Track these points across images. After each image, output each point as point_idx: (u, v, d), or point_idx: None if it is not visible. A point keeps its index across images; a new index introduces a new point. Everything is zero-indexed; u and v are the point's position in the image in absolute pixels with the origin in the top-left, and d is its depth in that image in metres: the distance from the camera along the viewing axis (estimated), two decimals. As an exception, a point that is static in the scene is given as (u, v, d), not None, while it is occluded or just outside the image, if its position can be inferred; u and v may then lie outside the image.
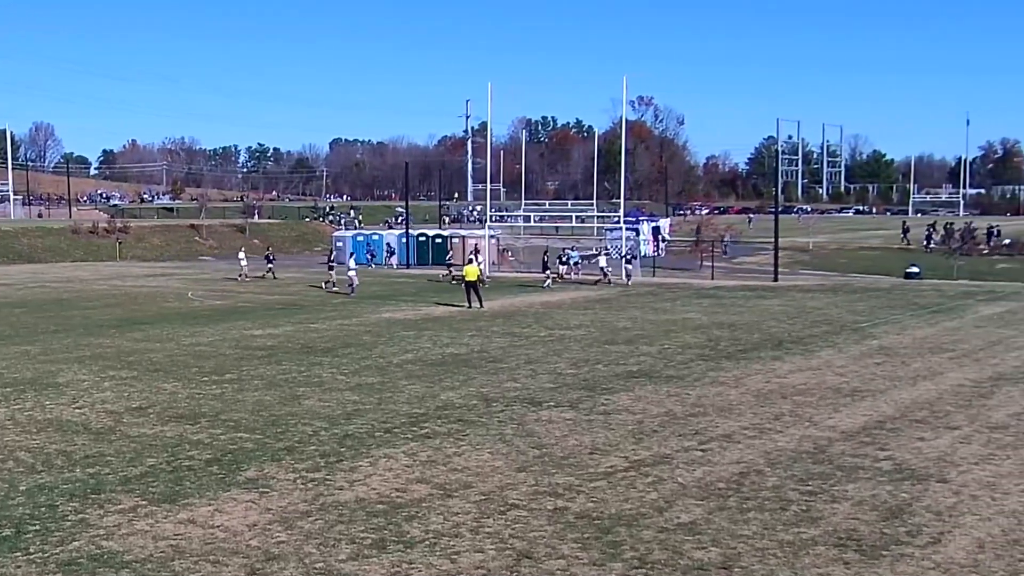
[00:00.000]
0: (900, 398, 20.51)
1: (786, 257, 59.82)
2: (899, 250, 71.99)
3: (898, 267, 58.91)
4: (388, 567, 11.10)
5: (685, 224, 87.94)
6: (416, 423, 18.24)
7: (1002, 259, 66.95)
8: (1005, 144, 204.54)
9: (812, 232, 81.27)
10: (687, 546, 11.72)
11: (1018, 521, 12.59)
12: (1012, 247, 71.66)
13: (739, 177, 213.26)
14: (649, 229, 71.69)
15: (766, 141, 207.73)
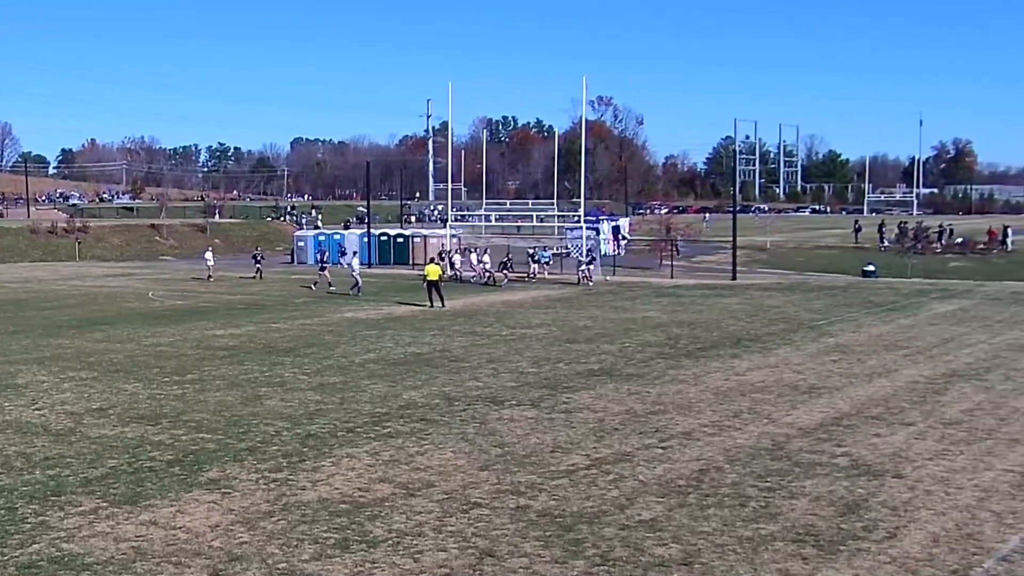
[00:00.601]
0: (856, 395, 20.69)
1: (744, 256, 60.15)
2: (855, 249, 72.59)
3: (854, 266, 59.42)
4: (351, 567, 11.06)
5: (645, 223, 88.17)
6: (378, 422, 18.19)
7: (954, 258, 67.69)
8: (957, 144, 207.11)
9: (769, 231, 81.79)
10: (648, 543, 11.76)
11: (971, 515, 12.74)
12: (964, 246, 72.46)
13: (697, 177, 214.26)
14: (609, 228, 71.88)
15: (724, 141, 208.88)
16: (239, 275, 55.07)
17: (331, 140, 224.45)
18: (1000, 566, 11.02)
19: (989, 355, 26.02)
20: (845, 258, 66.23)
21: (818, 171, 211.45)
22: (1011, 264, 64.96)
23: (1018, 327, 31.85)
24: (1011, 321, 33.49)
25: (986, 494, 13.67)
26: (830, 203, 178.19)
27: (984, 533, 12.08)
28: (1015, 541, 11.79)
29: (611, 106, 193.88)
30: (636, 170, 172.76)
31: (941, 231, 77.13)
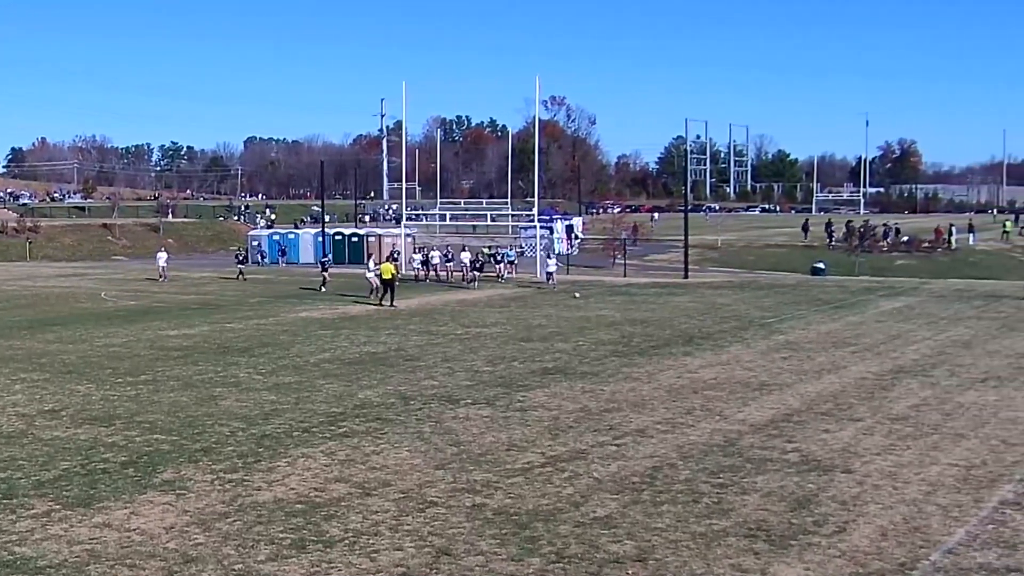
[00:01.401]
0: (806, 391, 20.89)
1: (696, 255, 60.56)
2: (804, 247, 73.24)
3: (803, 264, 60.01)
4: (307, 567, 11.00)
5: (598, 222, 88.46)
6: (334, 422, 18.11)
7: (901, 256, 68.55)
8: (902, 144, 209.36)
9: (720, 230, 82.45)
10: (603, 539, 11.80)
11: (918, 509, 12.90)
12: (910, 244, 73.37)
13: (649, 176, 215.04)
14: (563, 227, 72.04)
15: (675, 141, 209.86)
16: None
17: (285, 139, 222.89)
18: (946, 559, 11.16)
19: (934, 351, 26.37)
20: (794, 256, 66.83)
21: (767, 171, 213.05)
22: (955, 262, 65.96)
23: (962, 324, 32.30)
24: (955, 318, 33.95)
25: (932, 488, 13.85)
26: (779, 202, 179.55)
27: (931, 526, 12.24)
28: (960, 534, 11.96)
29: (564, 106, 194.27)
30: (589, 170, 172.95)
31: (887, 230, 78.04)
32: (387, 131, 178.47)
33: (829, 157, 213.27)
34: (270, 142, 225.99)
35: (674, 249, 64.49)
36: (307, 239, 66.90)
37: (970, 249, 74.68)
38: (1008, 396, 20.33)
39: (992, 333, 29.99)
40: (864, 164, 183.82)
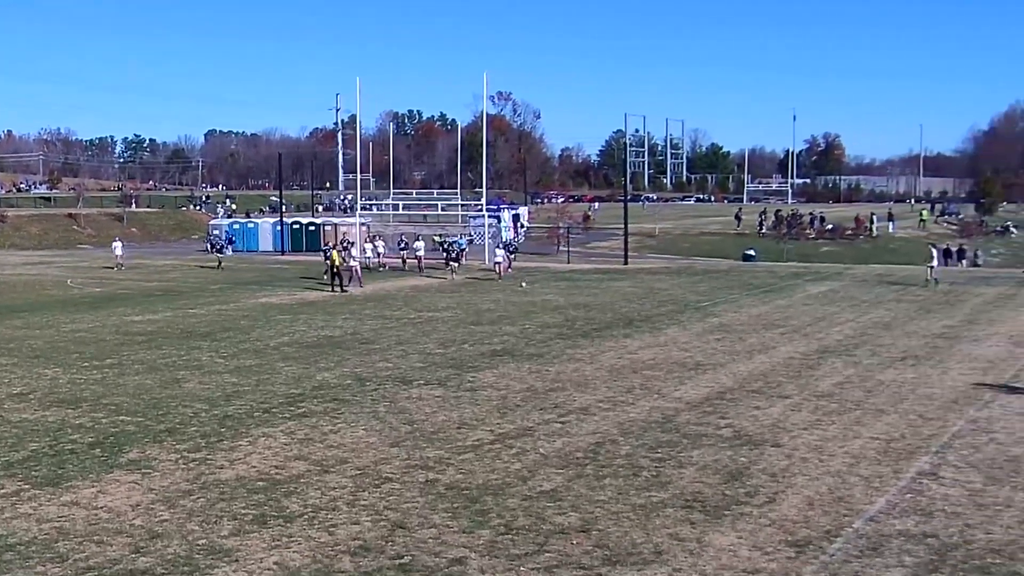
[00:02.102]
0: (738, 371, 21.08)
1: (635, 242, 60.78)
2: (736, 235, 73.79)
3: (735, 251, 60.49)
4: (269, 541, 10.94)
5: (543, 212, 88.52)
6: (293, 403, 18.00)
7: (826, 243, 69.31)
8: (827, 138, 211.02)
9: (658, 219, 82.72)
10: (549, 512, 11.86)
11: (842, 480, 13.09)
12: (834, 232, 74.18)
13: (591, 168, 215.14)
14: (510, 216, 71.94)
15: (615, 134, 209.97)
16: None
17: (244, 132, 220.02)
18: (868, 526, 11.34)
19: (857, 332, 26.71)
20: (727, 244, 67.34)
21: (702, 162, 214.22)
22: (876, 249, 66.85)
23: (882, 307, 32.75)
24: (876, 301, 34.41)
25: (855, 460, 14.06)
26: (713, 192, 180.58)
27: (854, 496, 12.42)
28: (881, 503, 12.15)
29: (510, 101, 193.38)
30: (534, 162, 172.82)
31: (813, 218, 78.90)
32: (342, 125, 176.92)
33: (759, 150, 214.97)
34: (230, 135, 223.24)
35: (615, 237, 64.59)
36: (266, 228, 66.27)
37: (890, 236, 75.66)
38: (925, 374, 20.66)
39: (910, 315, 30.43)
40: (791, 156, 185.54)
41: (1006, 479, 13.15)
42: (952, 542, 10.86)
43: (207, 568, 10.18)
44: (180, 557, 10.48)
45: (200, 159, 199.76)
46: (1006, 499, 12.32)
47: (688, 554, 10.52)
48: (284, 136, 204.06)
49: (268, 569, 10.16)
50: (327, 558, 10.46)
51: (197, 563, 10.31)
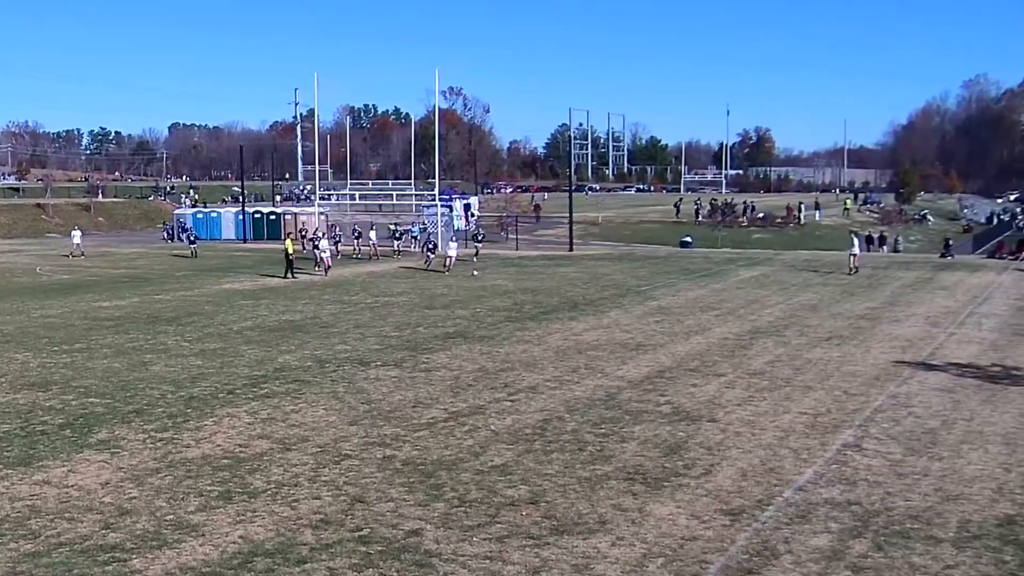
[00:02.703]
0: (676, 351, 21.24)
1: (579, 230, 60.88)
2: (674, 223, 74.21)
3: (673, 238, 60.86)
4: (234, 516, 10.87)
5: (492, 201, 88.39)
6: (256, 384, 17.86)
7: (757, 230, 69.96)
8: (758, 131, 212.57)
9: (601, 208, 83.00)
10: (500, 485, 11.89)
11: (773, 453, 13.26)
12: (765, 220, 74.89)
13: (538, 159, 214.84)
14: (461, 206, 71.76)
15: (560, 128, 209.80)
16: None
17: (207, 125, 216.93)
18: (797, 495, 11.51)
19: (786, 314, 27.02)
20: (666, 231, 67.73)
21: (642, 154, 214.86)
22: (804, 236, 67.62)
23: (810, 290, 33.15)
24: (804, 285, 34.82)
25: (785, 434, 14.24)
26: (652, 183, 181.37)
27: (784, 467, 12.59)
28: (809, 473, 12.33)
29: (461, 96, 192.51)
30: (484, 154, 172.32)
31: (746, 207, 79.59)
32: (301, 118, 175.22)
33: (695, 143, 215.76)
34: (193, 128, 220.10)
35: (560, 225, 64.67)
36: (228, 217, 65.50)
37: (816, 224, 76.60)
38: (849, 352, 20.96)
39: (835, 298, 30.84)
40: (725, 149, 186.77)
41: (923, 450, 13.40)
42: (874, 509, 11.05)
43: (175, 542, 10.09)
44: (149, 532, 10.38)
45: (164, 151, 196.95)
46: (923, 468, 12.56)
47: (630, 523, 10.61)
48: (245, 129, 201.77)
49: (233, 543, 10.09)
50: (290, 531, 10.41)
51: (165, 538, 10.22)
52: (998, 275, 38.57)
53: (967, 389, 17.27)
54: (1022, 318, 26.27)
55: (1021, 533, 10.30)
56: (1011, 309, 28.15)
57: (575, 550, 9.88)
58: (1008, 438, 14.02)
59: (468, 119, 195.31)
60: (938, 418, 15.19)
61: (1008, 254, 49.04)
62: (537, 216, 73.77)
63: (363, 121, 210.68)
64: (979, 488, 11.77)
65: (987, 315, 26.83)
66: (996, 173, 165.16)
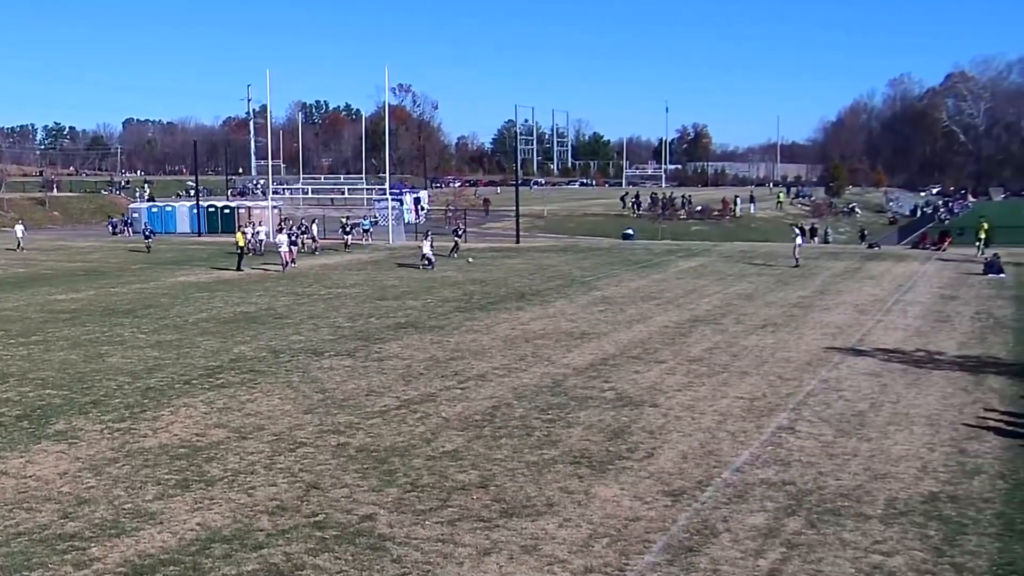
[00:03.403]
0: (619, 339, 21.36)
1: (526, 223, 60.92)
2: (616, 216, 74.52)
3: (615, 230, 61.12)
4: (191, 503, 10.75)
5: (441, 195, 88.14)
6: (212, 374, 17.66)
7: (695, 223, 70.51)
8: (696, 128, 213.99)
9: (546, 201, 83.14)
10: (451, 470, 11.89)
11: (712, 436, 13.40)
12: (703, 212, 75.51)
13: (485, 155, 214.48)
14: (411, 200, 71.47)
15: (507, 124, 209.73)
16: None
17: (161, 121, 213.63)
18: (735, 476, 11.65)
19: (723, 303, 27.29)
20: (608, 224, 67.99)
21: (585, 150, 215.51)
22: (739, 228, 68.32)
23: (745, 280, 33.52)
24: (740, 275, 35.20)
25: (723, 418, 14.40)
26: (595, 177, 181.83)
27: (722, 450, 12.74)
28: (746, 455, 12.49)
29: (410, 93, 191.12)
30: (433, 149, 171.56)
31: (684, 201, 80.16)
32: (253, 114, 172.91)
33: (636, 138, 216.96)
34: (147, 123, 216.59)
35: (507, 218, 64.72)
36: (183, 211, 64.59)
37: (751, 216, 77.45)
38: (783, 339, 21.24)
39: (769, 287, 31.22)
40: (665, 144, 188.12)
41: (853, 431, 13.63)
42: (807, 488, 11.22)
43: (133, 530, 9.95)
44: (107, 520, 10.22)
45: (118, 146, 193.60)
46: (853, 449, 12.78)
47: (576, 505, 10.66)
48: (199, 124, 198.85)
49: (191, 529, 9.98)
50: (247, 518, 10.32)
51: (123, 526, 10.07)
52: (922, 265, 39.30)
53: (893, 373, 17.58)
54: (944, 305, 26.81)
55: (944, 509, 10.53)
56: (934, 297, 28.71)
57: (524, 532, 9.91)
58: (931, 419, 14.31)
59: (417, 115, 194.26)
60: (866, 401, 15.46)
61: (931, 245, 50.05)
62: (486, 210, 73.73)
63: (315, 117, 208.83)
64: (905, 467, 12.00)
65: (912, 303, 27.34)
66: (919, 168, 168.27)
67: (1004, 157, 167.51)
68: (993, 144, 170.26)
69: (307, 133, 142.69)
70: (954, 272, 36.06)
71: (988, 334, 22.05)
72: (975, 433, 13.53)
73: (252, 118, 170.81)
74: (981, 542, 9.61)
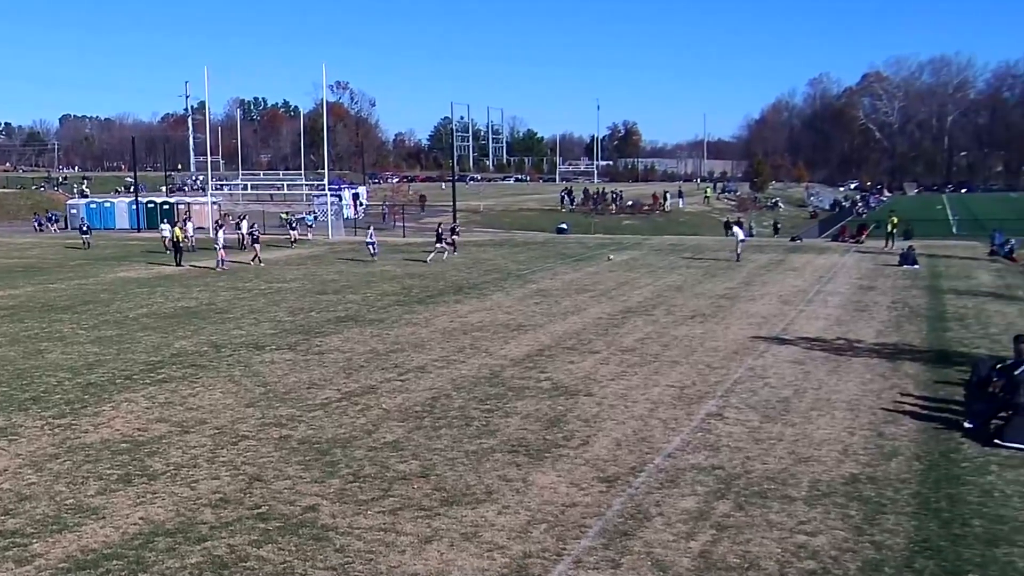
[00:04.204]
0: (555, 330, 21.44)
1: (462, 217, 60.88)
2: (550, 210, 74.79)
3: (550, 225, 61.31)
4: (134, 498, 10.54)
5: (380, 191, 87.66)
6: (153, 369, 17.34)
7: (626, 217, 71.06)
8: (626, 125, 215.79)
9: (482, 197, 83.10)
10: (392, 461, 11.83)
11: (644, 423, 13.53)
12: (633, 207, 76.15)
13: (423, 151, 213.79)
14: (350, 195, 70.92)
15: (443, 121, 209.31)
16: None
17: (98, 117, 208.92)
18: (667, 461, 11.78)
19: (654, 295, 27.55)
20: (543, 218, 68.19)
21: (520, 146, 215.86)
22: (669, 222, 69.01)
23: (675, 272, 33.87)
24: (669, 268, 35.56)
25: (655, 405, 14.54)
26: (529, 173, 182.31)
27: (655, 436, 12.86)
28: (677, 441, 12.63)
29: (348, 90, 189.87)
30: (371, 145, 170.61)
31: (615, 196, 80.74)
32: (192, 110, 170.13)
33: (569, 135, 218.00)
34: (84, 119, 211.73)
35: (444, 213, 64.51)
36: (122, 207, 63.28)
37: (680, 211, 78.29)
38: (711, 329, 21.51)
39: (698, 279, 31.59)
40: (596, 141, 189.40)
41: (778, 417, 13.86)
42: (736, 472, 11.39)
43: (75, 525, 9.74)
44: (49, 516, 9.99)
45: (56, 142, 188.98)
46: (778, 434, 13.00)
47: (515, 492, 10.69)
48: (137, 121, 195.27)
49: (134, 524, 9.79)
50: (190, 511, 10.16)
51: (65, 521, 9.85)
52: (841, 257, 40.10)
53: (815, 361, 17.92)
54: (863, 296, 27.38)
55: (864, 490, 10.76)
56: (853, 287, 29.31)
57: (464, 519, 9.91)
58: (852, 404, 14.61)
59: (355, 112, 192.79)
60: (791, 388, 15.73)
61: (849, 237, 51.06)
62: (421, 206, 73.42)
63: (253, 113, 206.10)
64: (827, 451, 12.24)
65: (832, 293, 27.87)
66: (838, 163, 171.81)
67: (917, 154, 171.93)
68: (907, 141, 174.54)
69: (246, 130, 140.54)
70: (871, 264, 36.86)
71: (904, 323, 22.57)
72: (892, 417, 13.85)
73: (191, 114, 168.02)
74: (899, 521, 9.85)
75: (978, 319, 23.09)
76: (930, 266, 35.55)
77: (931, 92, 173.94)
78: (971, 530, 9.62)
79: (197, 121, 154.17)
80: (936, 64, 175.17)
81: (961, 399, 14.85)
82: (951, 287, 29.48)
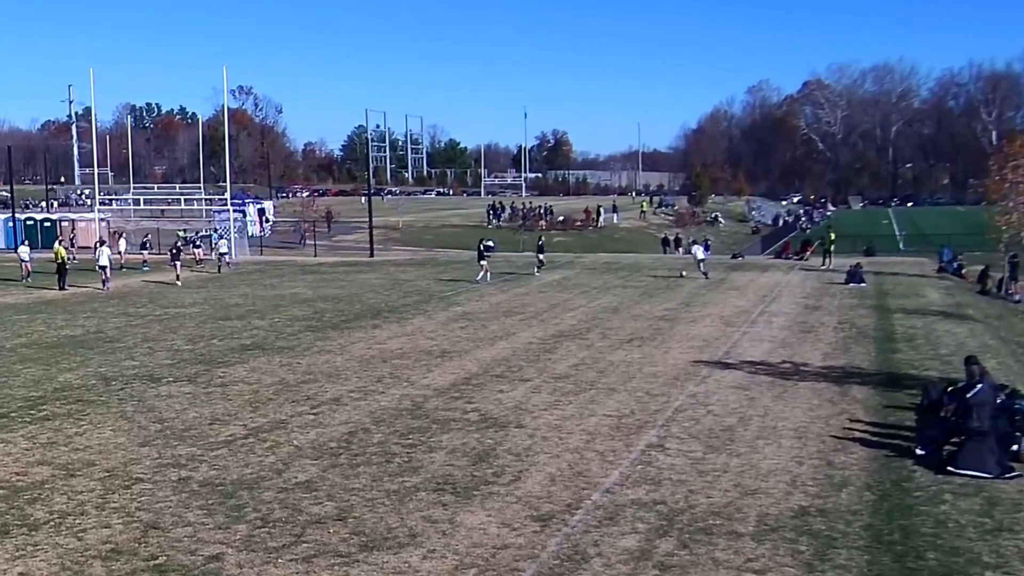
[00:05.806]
0: (482, 356, 21.43)
1: (380, 235, 60.68)
2: (475, 227, 74.93)
3: (475, 242, 61.25)
4: (12, 551, 10.20)
5: (288, 205, 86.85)
6: (34, 406, 16.85)
7: (557, 233, 71.49)
8: (556, 135, 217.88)
9: (401, 212, 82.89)
10: (305, 503, 11.67)
11: (580, 456, 13.57)
12: (565, 223, 76.69)
13: (335, 162, 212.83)
14: (255, 211, 70.17)
15: (357, 130, 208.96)
16: None
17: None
18: (605, 497, 11.82)
19: (588, 317, 27.75)
20: (467, 235, 68.13)
21: (441, 157, 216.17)
22: (603, 238, 69.73)
23: (611, 293, 34.17)
24: (604, 288, 35.87)
25: (591, 437, 14.60)
26: (452, 186, 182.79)
27: (591, 470, 12.91)
28: (616, 475, 12.69)
29: (252, 95, 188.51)
30: (278, 156, 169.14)
31: (545, 211, 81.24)
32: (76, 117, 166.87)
33: (495, 145, 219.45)
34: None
35: (360, 230, 64.27)
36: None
37: (615, 227, 79.16)
38: (649, 354, 21.72)
39: (635, 300, 31.92)
40: (524, 152, 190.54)
41: (722, 447, 14.03)
42: (679, 507, 11.48)
43: (-55, 584, 9.40)
44: (-86, 575, 9.62)
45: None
46: (723, 465, 13.15)
47: (441, 535, 10.62)
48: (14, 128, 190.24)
49: (13, 580, 9.49)
50: (77, 564, 9.87)
51: (-66, 580, 9.50)
52: (785, 275, 40.92)
53: (760, 386, 18.21)
54: (808, 316, 27.95)
55: (814, 523, 10.94)
56: (798, 307, 29.91)
57: (385, 566, 9.81)
58: (799, 432, 14.87)
59: (260, 120, 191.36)
60: (735, 415, 15.95)
61: (793, 254, 52.22)
62: (328, 223, 72.26)
63: (146, 121, 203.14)
64: (775, 482, 12.43)
65: (777, 313, 28.40)
66: (780, 175, 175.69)
67: (862, 165, 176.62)
68: (850, 152, 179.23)
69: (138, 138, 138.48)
70: (817, 282, 37.68)
71: (851, 344, 23.10)
72: (841, 445, 14.13)
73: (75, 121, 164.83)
74: (851, 555, 10.03)
75: (928, 339, 23.74)
76: (877, 284, 36.48)
77: (874, 101, 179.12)
78: (925, 564, 9.84)
79: (82, 129, 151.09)
80: (879, 72, 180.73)
81: (912, 424, 15.22)
82: (899, 306, 30.28)
